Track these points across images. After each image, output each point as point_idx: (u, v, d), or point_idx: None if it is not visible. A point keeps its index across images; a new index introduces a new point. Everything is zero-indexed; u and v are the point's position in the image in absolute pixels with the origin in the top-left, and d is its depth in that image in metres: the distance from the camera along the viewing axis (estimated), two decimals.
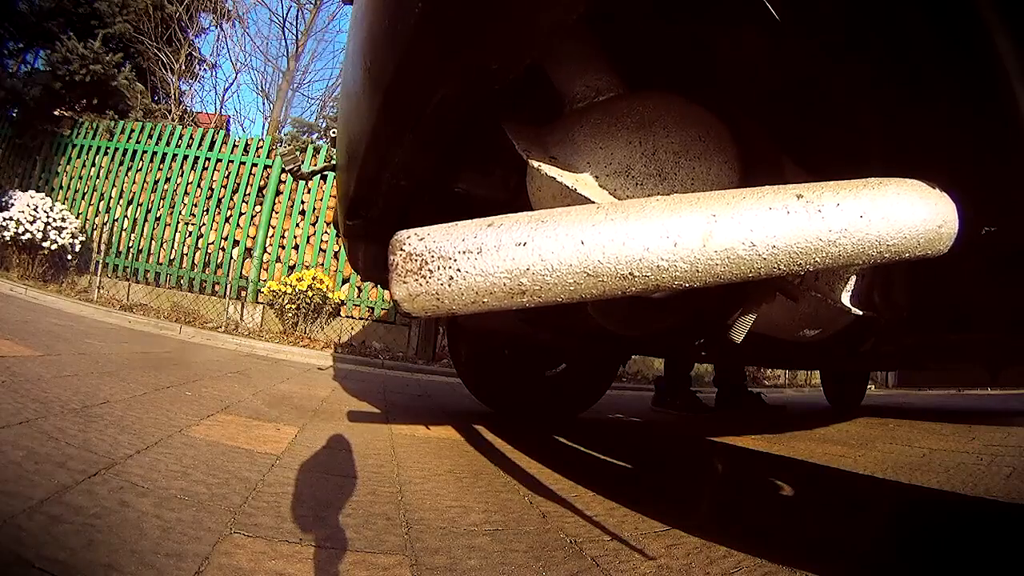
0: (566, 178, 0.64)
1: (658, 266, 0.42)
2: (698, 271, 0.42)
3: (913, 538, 1.03)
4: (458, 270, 0.43)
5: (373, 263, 1.38)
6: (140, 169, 6.38)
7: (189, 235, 6.10)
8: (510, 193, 0.95)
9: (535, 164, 0.65)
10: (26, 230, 5.41)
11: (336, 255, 5.83)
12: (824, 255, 0.42)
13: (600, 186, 0.65)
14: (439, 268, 0.44)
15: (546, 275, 0.42)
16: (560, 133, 0.70)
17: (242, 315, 5.63)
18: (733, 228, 0.42)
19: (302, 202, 5.97)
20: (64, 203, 6.21)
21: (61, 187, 6.61)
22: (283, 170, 6.03)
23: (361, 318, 5.68)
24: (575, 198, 0.63)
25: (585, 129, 0.68)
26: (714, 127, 0.68)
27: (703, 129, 0.67)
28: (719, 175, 0.66)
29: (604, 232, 0.42)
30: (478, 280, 0.43)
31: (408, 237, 0.45)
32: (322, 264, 5.85)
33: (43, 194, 5.89)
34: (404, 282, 0.44)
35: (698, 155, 0.66)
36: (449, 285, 0.43)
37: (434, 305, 0.44)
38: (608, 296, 0.43)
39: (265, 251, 5.96)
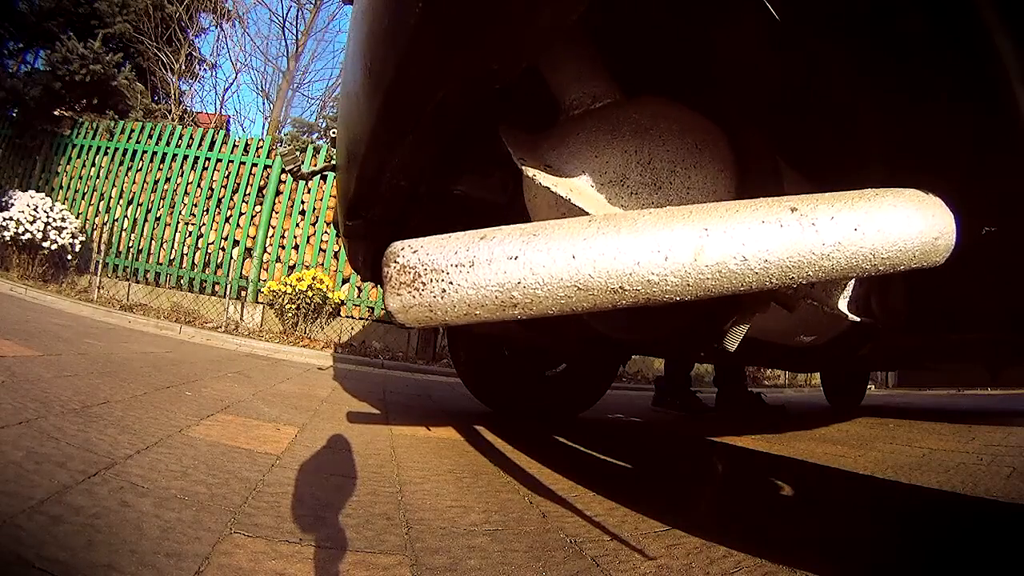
0: (560, 188, 0.64)
1: (648, 280, 0.42)
2: (689, 285, 0.42)
3: (913, 538, 1.03)
4: (450, 283, 0.44)
5: (373, 263, 1.38)
6: (140, 169, 6.38)
7: (189, 235, 6.10)
8: (508, 196, 0.95)
9: (530, 173, 0.65)
10: (26, 230, 5.41)
11: (336, 255, 5.83)
12: (817, 269, 0.42)
13: (594, 196, 0.65)
14: (432, 281, 0.44)
15: (537, 289, 0.43)
16: (556, 141, 0.69)
17: (242, 315, 5.63)
18: (725, 242, 0.42)
19: (302, 202, 5.97)
20: (64, 203, 6.21)
21: (61, 187, 6.61)
22: (283, 170, 6.03)
23: (361, 318, 5.68)
24: (569, 208, 0.63)
25: (581, 137, 0.67)
26: (711, 135, 0.68)
27: (699, 137, 0.67)
28: (715, 183, 0.66)
29: (595, 246, 0.42)
30: (470, 293, 0.43)
31: (402, 249, 0.45)
32: (322, 264, 5.85)
33: (43, 194, 5.89)
34: (398, 294, 0.45)
35: (694, 164, 0.65)
36: (442, 298, 0.44)
37: (427, 316, 0.45)
38: (599, 309, 0.44)
39: (265, 251, 5.96)
